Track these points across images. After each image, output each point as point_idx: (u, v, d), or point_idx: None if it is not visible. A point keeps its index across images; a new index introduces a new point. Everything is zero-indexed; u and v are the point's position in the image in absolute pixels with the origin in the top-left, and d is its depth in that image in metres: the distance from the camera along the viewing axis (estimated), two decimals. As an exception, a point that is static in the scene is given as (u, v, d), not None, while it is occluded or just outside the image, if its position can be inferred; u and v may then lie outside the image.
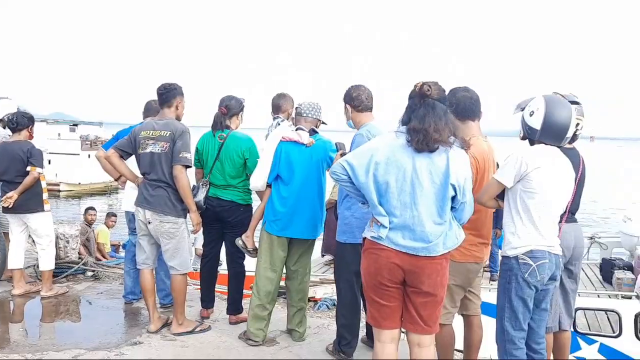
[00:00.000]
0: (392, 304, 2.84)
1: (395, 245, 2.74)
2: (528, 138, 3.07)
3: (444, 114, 2.76)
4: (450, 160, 2.72)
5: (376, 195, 2.77)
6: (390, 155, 2.74)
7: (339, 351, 3.92)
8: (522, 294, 2.93)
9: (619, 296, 7.10)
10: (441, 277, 2.80)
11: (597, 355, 6.65)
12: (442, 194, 2.72)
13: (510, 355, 2.96)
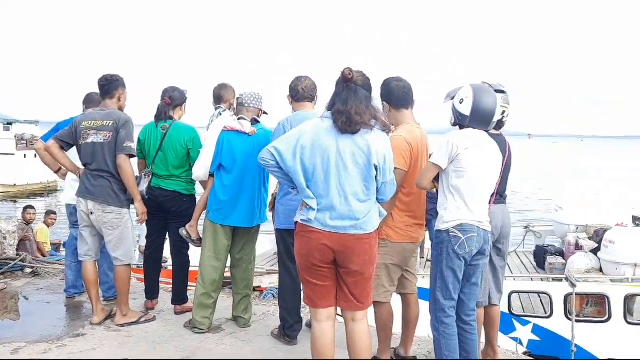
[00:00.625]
0: (326, 284, 2.94)
1: (324, 227, 2.84)
2: (459, 124, 3.27)
3: (366, 99, 2.89)
4: (371, 142, 2.84)
5: (304, 179, 2.87)
6: (316, 139, 2.85)
7: (284, 335, 4.02)
8: (452, 265, 3.13)
9: (551, 279, 7.53)
10: (369, 256, 2.92)
11: (530, 335, 7.03)
12: (365, 173, 2.84)
13: (441, 323, 3.16)
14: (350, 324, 2.99)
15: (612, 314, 6.87)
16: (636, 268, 7.06)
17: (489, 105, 3.18)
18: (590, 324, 6.91)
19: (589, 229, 8.65)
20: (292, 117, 3.93)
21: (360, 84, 2.92)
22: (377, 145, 2.85)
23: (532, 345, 6.95)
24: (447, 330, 3.16)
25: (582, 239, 8.44)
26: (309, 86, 4.01)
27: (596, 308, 7.09)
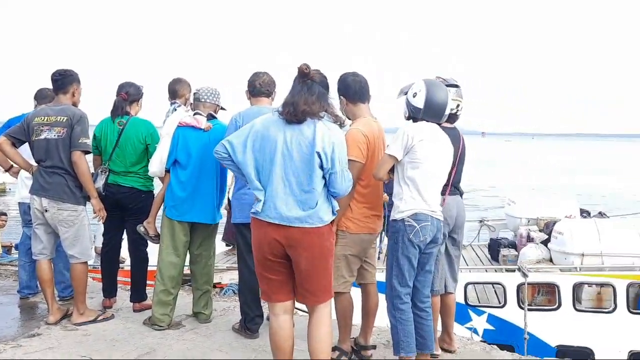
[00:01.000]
0: (279, 278, 2.94)
1: (271, 219, 2.84)
2: (412, 117, 3.38)
3: (319, 94, 2.91)
4: (317, 131, 2.84)
5: (253, 171, 2.90)
6: (264, 131, 2.89)
7: (245, 328, 4.04)
8: (407, 253, 3.24)
9: (504, 270, 7.78)
10: (319, 249, 2.88)
11: (485, 325, 7.26)
12: (309, 163, 2.83)
13: (397, 309, 3.27)
14: (311, 315, 2.99)
15: (562, 302, 7.16)
16: (583, 257, 7.36)
17: (441, 98, 3.31)
18: (542, 312, 7.18)
19: (539, 222, 8.96)
20: (245, 111, 3.98)
21: (317, 81, 2.95)
22: (322, 133, 2.85)
23: (487, 334, 7.17)
24: (403, 316, 3.27)
25: (533, 231, 8.74)
26: (266, 82, 4.06)
27: (547, 297, 7.37)
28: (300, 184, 2.85)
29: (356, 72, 3.61)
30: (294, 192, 2.84)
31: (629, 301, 7.04)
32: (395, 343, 3.32)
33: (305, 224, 2.84)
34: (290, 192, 2.85)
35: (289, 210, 2.83)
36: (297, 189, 2.85)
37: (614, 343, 6.90)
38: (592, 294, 7.38)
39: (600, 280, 7.21)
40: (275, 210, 2.84)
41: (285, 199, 2.84)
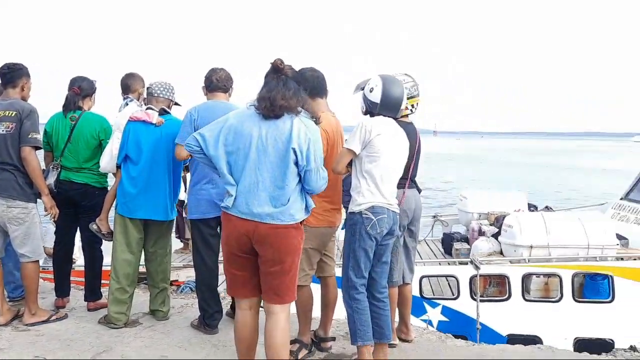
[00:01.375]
0: (245, 273, 2.92)
1: (242, 214, 2.81)
2: (369, 112, 3.45)
3: (295, 89, 2.89)
4: (293, 126, 2.82)
5: (226, 165, 2.86)
6: (238, 125, 2.86)
7: (204, 324, 4.03)
8: (364, 245, 3.30)
9: (457, 263, 7.98)
10: (288, 247, 2.84)
11: (440, 316, 7.43)
12: (284, 159, 2.80)
13: (353, 299, 3.34)
14: (266, 317, 2.93)
15: (512, 293, 7.40)
16: (532, 249, 7.63)
17: (397, 93, 3.40)
18: (493, 303, 7.40)
19: (490, 216, 9.22)
20: (201, 106, 3.97)
21: (290, 76, 2.94)
22: (299, 129, 2.82)
23: (441, 325, 7.33)
24: (359, 305, 3.34)
25: (484, 225, 8.99)
26: (223, 77, 4.06)
27: (498, 288, 7.59)
28: (274, 179, 2.81)
29: (314, 68, 3.65)
30: (267, 188, 2.81)
31: (574, 290, 7.34)
32: (352, 332, 3.38)
33: (276, 220, 2.81)
34: (263, 187, 2.81)
35: (260, 206, 2.80)
36: (271, 185, 2.81)
37: (561, 331, 7.17)
38: (540, 284, 7.65)
39: (548, 270, 7.48)
40: (247, 205, 2.81)
41: (258, 194, 2.81)
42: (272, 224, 2.81)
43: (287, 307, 2.97)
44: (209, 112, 3.85)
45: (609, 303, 7.23)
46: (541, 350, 3.95)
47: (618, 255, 7.56)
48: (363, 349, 3.35)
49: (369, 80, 3.48)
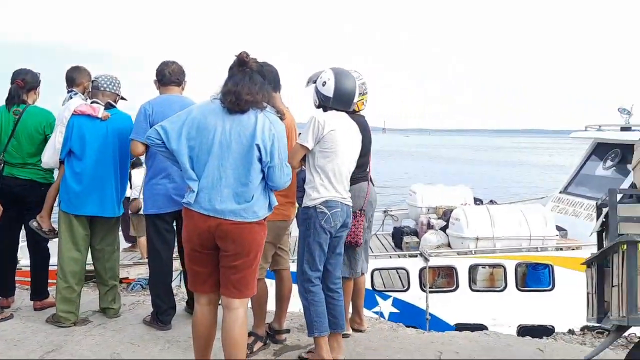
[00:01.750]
0: (206, 269, 2.88)
1: (204, 210, 2.76)
2: (322, 106, 3.47)
3: (261, 83, 2.85)
4: (258, 122, 2.78)
5: (188, 159, 2.80)
6: (202, 119, 2.79)
7: (157, 321, 3.99)
8: (319, 239, 3.32)
9: (407, 256, 8.17)
10: (250, 242, 2.82)
11: (391, 308, 7.59)
12: (248, 155, 2.75)
13: (309, 292, 3.36)
14: (225, 312, 2.90)
15: (460, 284, 7.65)
16: (478, 241, 7.91)
17: (349, 87, 3.42)
18: (442, 294, 7.63)
19: (438, 210, 9.50)
20: (154, 100, 3.94)
21: (256, 69, 2.90)
22: (263, 125, 2.78)
23: (392, 317, 7.49)
24: (314, 298, 3.36)
25: (432, 219, 9.26)
26: (176, 70, 4.03)
27: (446, 279, 7.83)
28: (238, 176, 2.77)
29: (267, 62, 3.66)
30: (230, 184, 2.76)
31: (517, 280, 7.66)
32: (308, 324, 3.40)
33: (239, 217, 2.77)
34: (226, 184, 2.76)
35: (223, 203, 2.76)
36: (234, 181, 2.77)
37: (505, 319, 7.47)
38: (485, 275, 7.94)
39: (493, 261, 7.77)
40: (209, 202, 2.76)
41: (221, 190, 2.76)
42: (235, 221, 2.77)
43: (246, 302, 2.97)
44: (165, 107, 3.81)
45: (550, 291, 7.59)
46: (487, 336, 4.12)
47: (557, 245, 7.94)
48: (320, 340, 3.37)
49: (321, 73, 3.48)
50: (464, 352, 3.74)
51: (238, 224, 2.77)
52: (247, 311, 2.97)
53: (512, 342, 3.96)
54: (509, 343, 3.91)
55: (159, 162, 3.80)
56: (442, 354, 3.70)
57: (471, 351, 3.75)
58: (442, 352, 3.73)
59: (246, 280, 2.89)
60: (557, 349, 3.82)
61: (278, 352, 3.69)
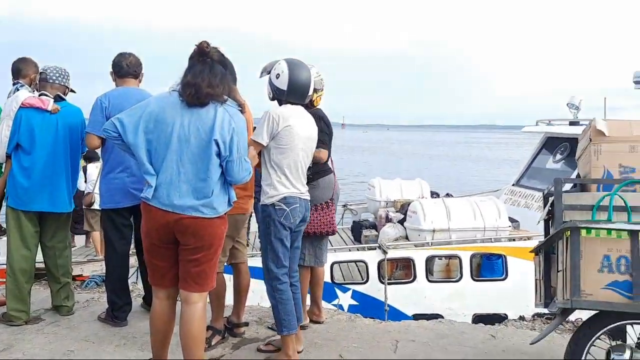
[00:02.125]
0: (166, 264, 2.86)
1: (163, 205, 2.72)
2: (277, 99, 3.38)
3: (222, 75, 2.80)
4: (217, 116, 2.73)
5: (145, 153, 2.74)
6: (160, 112, 2.74)
7: (112, 317, 3.93)
8: (280, 235, 3.26)
9: (366, 249, 8.27)
10: (210, 236, 2.81)
11: (350, 301, 7.68)
12: (207, 150, 2.71)
13: (277, 290, 3.28)
14: (184, 306, 2.89)
15: (417, 275, 7.79)
16: (434, 233, 8.07)
17: (304, 79, 3.31)
18: (400, 285, 7.77)
19: (396, 204, 9.62)
20: (111, 92, 3.88)
21: (217, 59, 2.84)
22: (222, 119, 2.74)
23: (352, 309, 7.56)
24: (282, 296, 3.29)
25: (391, 212, 9.39)
26: (134, 62, 3.97)
27: (404, 271, 7.97)
28: (196, 171, 2.73)
29: None
30: (189, 179, 2.72)
31: (472, 270, 7.87)
32: (278, 323, 3.33)
33: (198, 213, 2.74)
34: (185, 179, 2.72)
35: (182, 198, 2.72)
36: (193, 177, 2.72)
37: (461, 308, 7.66)
38: (442, 266, 8.13)
39: (449, 253, 7.95)
40: (168, 197, 2.72)
41: (179, 186, 2.72)
42: (194, 216, 2.74)
43: (205, 296, 2.96)
44: (122, 99, 3.75)
45: (503, 280, 7.82)
46: (442, 324, 4.23)
47: (510, 236, 8.18)
48: (288, 339, 3.31)
49: (275, 64, 3.37)
50: (420, 339, 3.83)
51: (198, 219, 2.75)
52: (205, 306, 2.96)
53: (466, 329, 4.08)
54: (462, 330, 4.03)
55: (116, 155, 3.74)
56: (398, 342, 3.78)
57: (426, 338, 3.85)
58: (399, 341, 3.81)
59: (205, 274, 2.88)
60: (508, 335, 3.96)
61: (236, 345, 3.70)
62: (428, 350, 3.65)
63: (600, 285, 2.45)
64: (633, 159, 2.76)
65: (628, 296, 2.42)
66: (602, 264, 2.46)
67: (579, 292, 2.45)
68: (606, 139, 2.80)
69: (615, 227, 2.45)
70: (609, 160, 2.79)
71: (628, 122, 2.88)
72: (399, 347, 3.72)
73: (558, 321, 2.81)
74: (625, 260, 2.43)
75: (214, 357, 3.48)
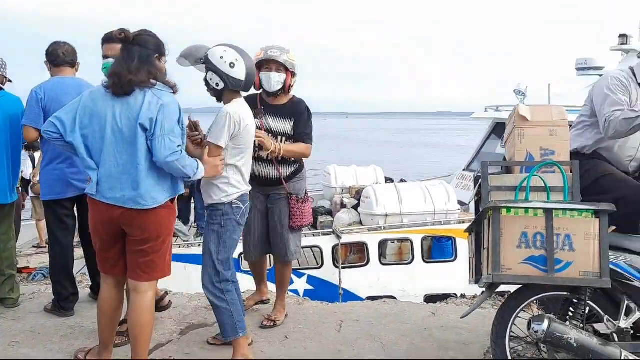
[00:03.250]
0: (115, 255, 2.90)
1: (106, 199, 2.74)
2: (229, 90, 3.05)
3: (140, 57, 2.76)
4: (145, 101, 2.71)
5: (84, 149, 2.75)
6: (93, 106, 2.75)
7: (59, 307, 3.93)
8: (235, 235, 3.15)
9: (320, 234, 8.42)
10: (157, 227, 2.82)
11: (306, 286, 7.82)
12: (135, 138, 2.70)
13: (227, 292, 3.13)
14: (133, 295, 2.90)
15: (370, 258, 8.00)
16: (387, 217, 8.29)
17: (254, 67, 3.16)
18: (354, 269, 7.96)
19: (351, 190, 9.81)
20: (46, 83, 3.84)
21: (143, 42, 2.79)
22: (150, 102, 2.72)
23: (307, 293, 7.71)
24: (233, 297, 3.16)
25: (346, 198, 9.56)
26: (70, 51, 3.93)
27: (358, 255, 8.17)
28: (132, 161, 2.72)
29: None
30: (128, 170, 2.72)
31: (423, 252, 8.12)
32: (231, 327, 3.14)
33: (138, 205, 2.74)
34: (124, 170, 2.72)
35: (123, 190, 2.73)
36: (130, 167, 2.72)
37: (413, 290, 7.92)
38: (394, 249, 8.37)
39: (401, 236, 8.20)
40: (110, 190, 2.73)
41: (119, 178, 2.72)
42: (137, 209, 2.75)
43: (154, 285, 2.97)
44: (57, 90, 3.71)
45: (453, 262, 8.10)
46: (385, 303, 4.39)
47: (459, 219, 8.47)
48: (243, 340, 3.19)
49: (211, 50, 3.01)
50: (363, 319, 3.97)
51: (142, 211, 2.76)
52: (155, 295, 2.98)
53: (408, 307, 4.24)
54: (404, 309, 4.19)
55: (55, 146, 3.70)
56: (343, 322, 3.91)
57: (370, 318, 3.99)
58: (344, 321, 3.94)
59: (154, 263, 2.88)
60: (447, 312, 4.14)
61: (184, 331, 3.75)
62: (370, 329, 3.79)
63: (519, 260, 2.60)
64: (552, 142, 2.91)
65: (544, 269, 2.58)
66: (520, 241, 2.61)
67: (499, 268, 2.61)
68: (528, 124, 2.94)
69: (532, 206, 2.61)
70: (531, 143, 2.93)
71: (549, 107, 3.13)
72: (343, 327, 3.85)
73: (485, 296, 2.97)
74: (541, 237, 2.58)
75: (161, 342, 3.53)
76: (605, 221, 2.53)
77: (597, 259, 2.51)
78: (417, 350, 3.48)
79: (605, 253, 2.51)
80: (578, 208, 2.59)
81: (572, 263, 2.52)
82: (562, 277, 2.54)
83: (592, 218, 2.55)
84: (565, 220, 2.54)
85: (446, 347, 3.52)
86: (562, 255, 2.53)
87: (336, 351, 3.48)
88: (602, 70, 9.81)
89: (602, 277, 2.50)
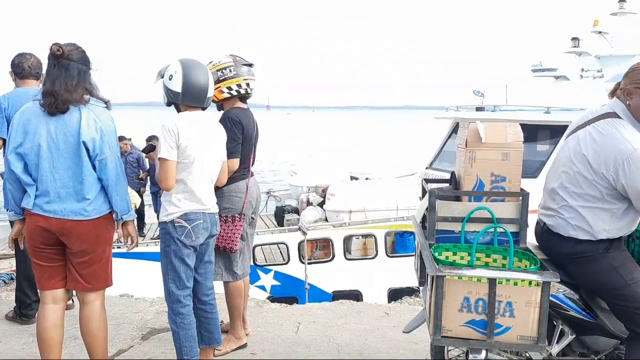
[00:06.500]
0: (51, 265, 2.86)
1: (44, 212, 2.75)
2: (172, 103, 3.09)
3: (79, 74, 2.77)
4: (82, 119, 2.73)
5: (20, 166, 2.76)
6: (26, 124, 2.75)
7: (20, 315, 3.99)
8: (181, 254, 3.01)
9: (287, 230, 8.56)
10: (95, 238, 2.83)
11: (272, 281, 7.97)
12: (77, 153, 2.73)
13: (178, 314, 3.04)
14: (81, 306, 2.92)
15: (335, 254, 8.18)
16: (351, 214, 8.47)
17: (200, 80, 3.02)
18: (319, 264, 8.13)
19: (317, 189, 9.97)
20: (11, 93, 3.86)
21: (76, 58, 2.79)
22: (88, 120, 2.74)
23: (274, 289, 7.89)
24: (184, 320, 3.05)
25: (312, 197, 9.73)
26: (35, 64, 3.97)
27: (323, 251, 8.34)
28: (72, 175, 2.75)
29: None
30: (66, 184, 2.75)
31: (387, 247, 8.33)
32: (177, 350, 3.07)
33: (80, 216, 2.77)
34: (62, 184, 2.75)
35: (63, 203, 2.76)
36: (70, 181, 2.75)
37: (377, 284, 8.14)
38: (359, 245, 8.56)
39: (365, 232, 8.38)
40: (48, 204, 2.75)
41: (57, 192, 2.75)
42: (77, 220, 2.77)
43: (102, 294, 2.98)
44: (22, 101, 3.70)
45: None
46: (342, 304, 4.56)
47: (422, 215, 8.70)
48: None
49: (168, 67, 3.08)
50: (320, 320, 4.14)
51: (80, 222, 2.78)
52: (104, 303, 2.99)
53: (363, 308, 4.43)
54: (360, 310, 4.37)
55: None
56: (300, 324, 4.07)
57: (326, 319, 4.16)
58: (301, 323, 4.10)
59: (96, 274, 2.90)
60: (400, 312, 4.33)
61: (145, 336, 3.84)
62: (326, 330, 3.95)
63: (459, 323, 2.49)
64: (504, 168, 2.78)
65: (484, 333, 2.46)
66: (462, 305, 2.49)
67: (439, 331, 2.49)
68: (481, 145, 2.78)
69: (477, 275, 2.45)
70: (482, 169, 2.79)
71: (504, 126, 2.83)
72: (300, 328, 4.00)
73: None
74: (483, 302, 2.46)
75: (122, 348, 3.62)
76: (547, 290, 2.42)
77: (536, 325, 2.44)
78: (369, 350, 3.66)
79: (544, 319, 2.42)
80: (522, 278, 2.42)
81: (511, 328, 2.45)
82: (500, 340, 2.45)
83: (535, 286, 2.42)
84: (509, 287, 2.44)
85: (397, 346, 3.71)
86: (502, 321, 2.45)
87: (292, 352, 3.63)
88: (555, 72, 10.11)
89: (539, 342, 2.43)
